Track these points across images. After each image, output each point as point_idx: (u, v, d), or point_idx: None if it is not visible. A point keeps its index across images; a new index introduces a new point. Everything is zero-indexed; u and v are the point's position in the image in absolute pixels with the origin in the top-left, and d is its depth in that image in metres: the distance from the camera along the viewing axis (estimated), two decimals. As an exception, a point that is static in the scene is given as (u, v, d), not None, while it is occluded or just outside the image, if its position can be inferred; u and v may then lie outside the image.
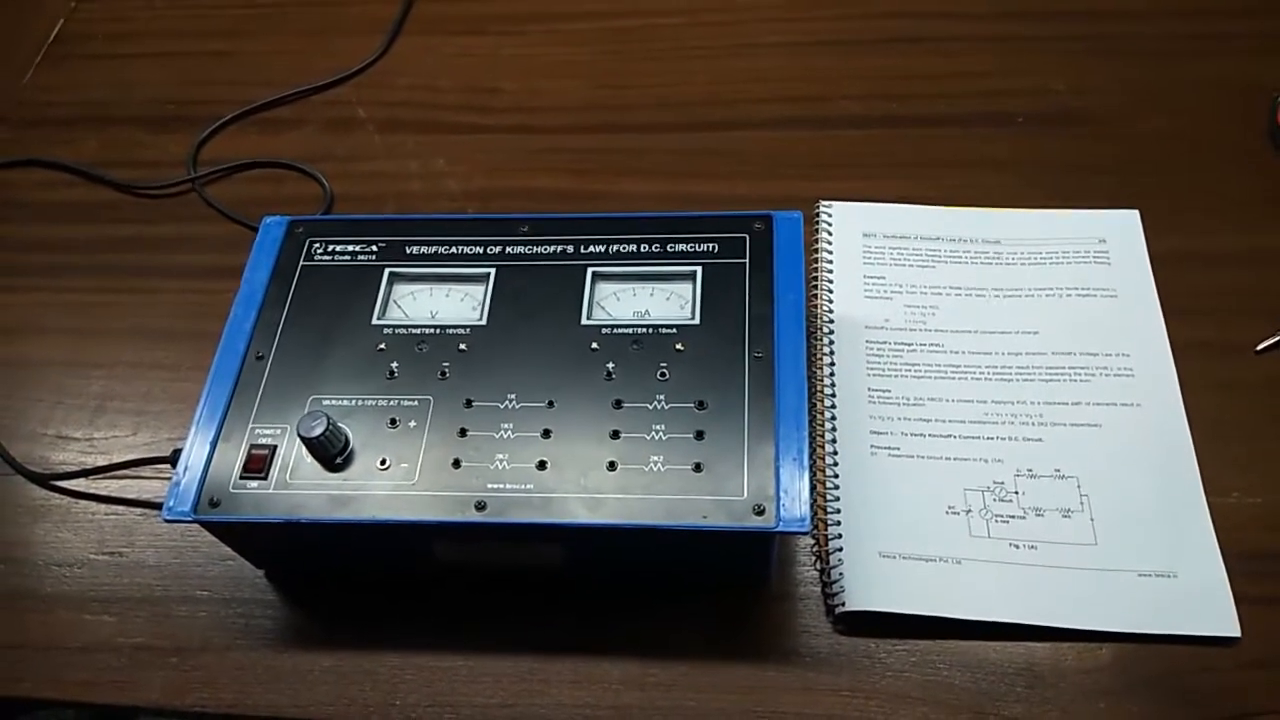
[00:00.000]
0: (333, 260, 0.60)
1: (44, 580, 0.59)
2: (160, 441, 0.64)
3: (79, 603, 0.58)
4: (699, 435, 0.51)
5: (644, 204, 0.73)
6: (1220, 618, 0.52)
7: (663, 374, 0.54)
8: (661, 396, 0.53)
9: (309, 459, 0.52)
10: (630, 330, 0.55)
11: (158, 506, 0.60)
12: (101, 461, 0.63)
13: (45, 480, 0.63)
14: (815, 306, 0.65)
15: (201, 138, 0.80)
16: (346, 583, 0.57)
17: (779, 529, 0.48)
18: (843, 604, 0.53)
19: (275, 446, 0.53)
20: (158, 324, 0.70)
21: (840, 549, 0.55)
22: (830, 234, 0.68)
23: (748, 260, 0.58)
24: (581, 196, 0.74)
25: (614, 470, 0.51)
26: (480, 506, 0.50)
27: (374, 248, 0.60)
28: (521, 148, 0.77)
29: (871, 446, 0.59)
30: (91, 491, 0.62)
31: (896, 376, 0.61)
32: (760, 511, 0.49)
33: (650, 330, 0.55)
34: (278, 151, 0.79)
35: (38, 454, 0.64)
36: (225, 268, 0.65)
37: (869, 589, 0.53)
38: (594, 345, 0.55)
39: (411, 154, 0.78)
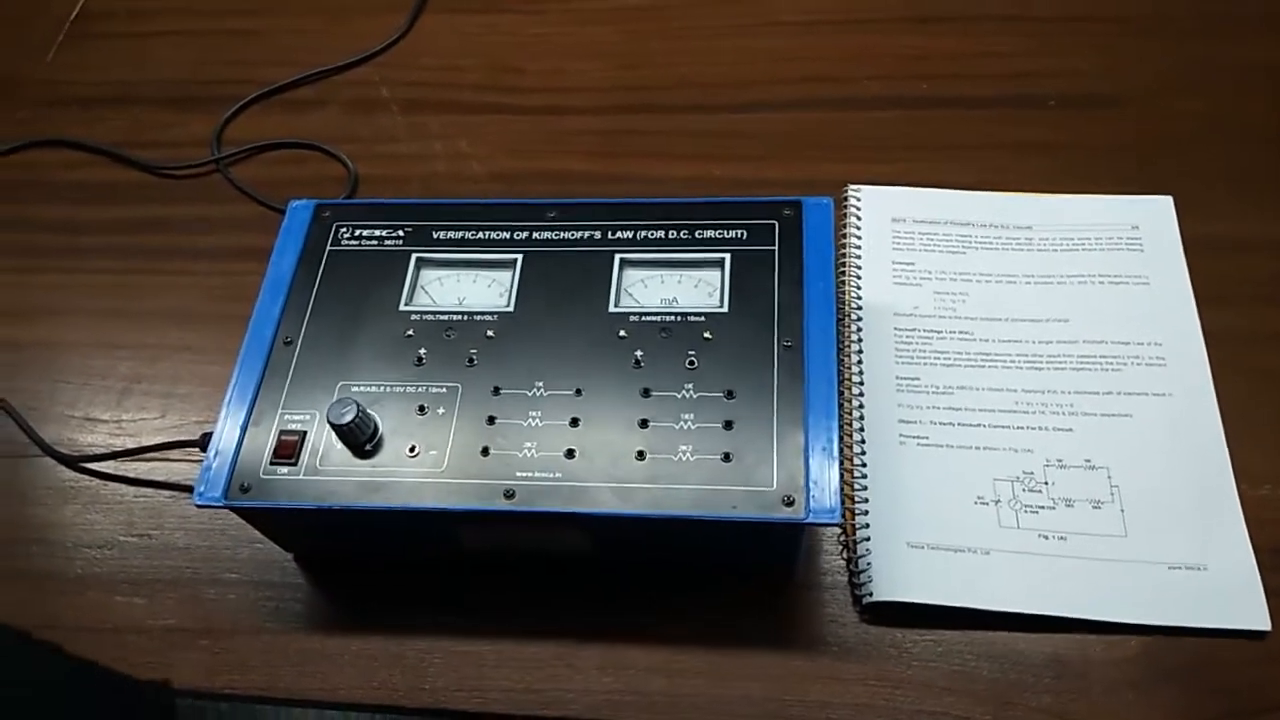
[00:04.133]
0: (360, 245, 0.60)
1: (74, 562, 0.60)
2: (188, 424, 0.64)
3: (109, 584, 0.59)
4: (728, 425, 0.51)
5: (669, 187, 0.72)
6: (1250, 611, 0.52)
7: (691, 362, 0.53)
8: (690, 385, 0.53)
9: (339, 445, 0.53)
10: (658, 318, 0.55)
11: (186, 489, 0.60)
12: (130, 444, 0.63)
13: (74, 462, 0.63)
14: (843, 292, 0.64)
15: (225, 118, 0.80)
16: (375, 567, 0.58)
17: (808, 520, 0.48)
18: (870, 594, 0.53)
19: (305, 432, 0.53)
20: (183, 306, 0.70)
21: (868, 538, 0.55)
22: (859, 219, 0.67)
23: (777, 247, 0.57)
24: (606, 179, 0.73)
25: (642, 459, 0.51)
26: (509, 495, 0.50)
27: (401, 232, 0.60)
28: (545, 129, 0.77)
29: (900, 435, 0.58)
30: (120, 474, 0.63)
31: (925, 364, 0.61)
32: (790, 502, 0.49)
33: (678, 318, 0.55)
34: (301, 132, 0.79)
35: (66, 436, 0.65)
36: (250, 249, 0.65)
37: (896, 579, 0.53)
38: (622, 333, 0.55)
39: (435, 135, 0.77)
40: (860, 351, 0.61)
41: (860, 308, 0.63)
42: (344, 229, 0.61)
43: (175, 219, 0.75)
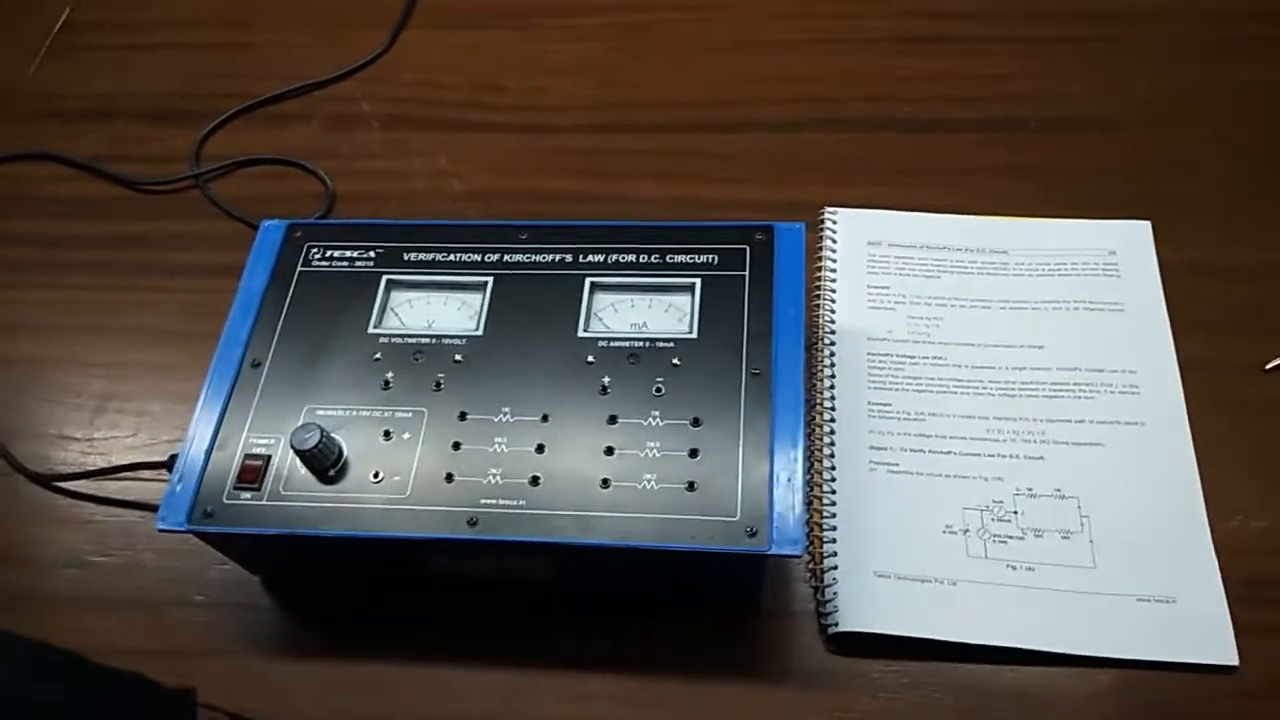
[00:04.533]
0: (330, 266, 0.60)
1: (43, 581, 0.59)
2: (160, 443, 0.64)
3: (78, 604, 0.58)
4: (693, 453, 0.51)
5: (650, 207, 0.72)
6: (1219, 646, 0.51)
7: (658, 389, 0.53)
8: (657, 413, 0.52)
9: (303, 470, 0.52)
10: (627, 343, 0.55)
11: (156, 509, 0.60)
12: (101, 463, 0.63)
13: (46, 481, 0.63)
14: (817, 316, 0.64)
15: (204, 133, 0.80)
16: (342, 590, 0.57)
17: (771, 552, 0.48)
18: (836, 624, 0.53)
19: (269, 457, 0.53)
20: (160, 323, 0.70)
21: (835, 567, 0.54)
22: (834, 242, 0.67)
23: (747, 273, 0.57)
24: (586, 199, 0.73)
25: (607, 488, 0.50)
26: (472, 522, 0.50)
27: (372, 254, 0.60)
28: (526, 147, 0.77)
29: (871, 462, 0.58)
30: (91, 493, 0.63)
31: (898, 390, 0.61)
32: (753, 533, 0.48)
33: (647, 344, 0.55)
34: (281, 147, 0.79)
35: (39, 453, 0.65)
36: (227, 266, 0.64)
37: (863, 609, 0.53)
38: (590, 358, 0.55)
39: (415, 152, 0.77)
40: (833, 376, 0.61)
41: (834, 332, 0.63)
42: (315, 249, 0.61)
43: (154, 235, 0.75)
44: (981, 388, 0.60)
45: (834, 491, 0.57)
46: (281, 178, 0.77)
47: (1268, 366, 0.60)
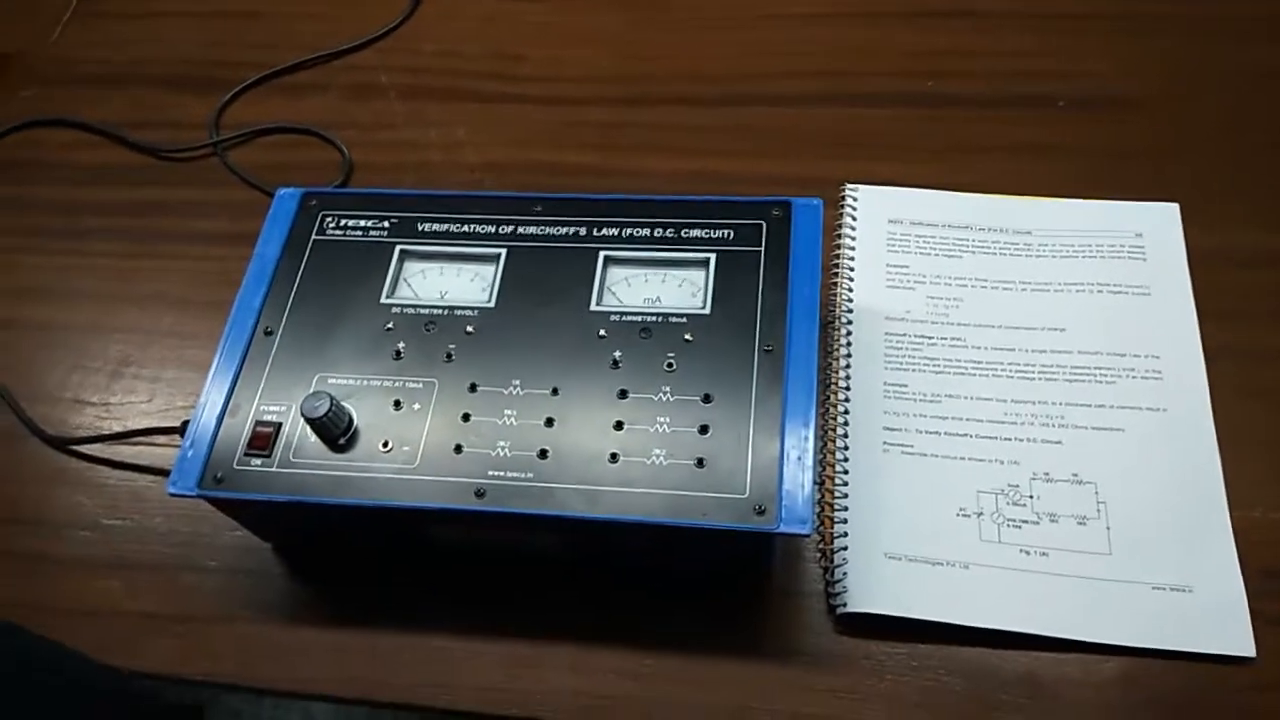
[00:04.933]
0: (345, 235, 0.60)
1: (56, 543, 0.60)
2: (174, 409, 0.65)
3: (89, 567, 0.59)
4: (703, 430, 0.50)
5: (666, 182, 0.71)
6: (1235, 636, 0.50)
7: (670, 365, 0.53)
8: (667, 388, 0.52)
9: (313, 438, 0.52)
10: (639, 318, 0.54)
11: (169, 474, 0.60)
12: (116, 427, 0.64)
13: (61, 444, 0.63)
14: (835, 294, 0.63)
15: (224, 101, 0.80)
16: (352, 559, 0.57)
17: (779, 530, 0.47)
18: (844, 605, 0.52)
19: (280, 424, 0.53)
20: (177, 290, 0.70)
21: (845, 547, 0.54)
22: (854, 219, 0.66)
23: (763, 248, 0.56)
24: (603, 172, 0.72)
25: (615, 462, 0.50)
26: (480, 494, 0.50)
27: (386, 224, 0.60)
28: (543, 119, 0.76)
29: (884, 443, 0.57)
30: (105, 456, 0.63)
31: (914, 371, 0.60)
32: (761, 511, 0.48)
33: (660, 319, 0.54)
34: (300, 116, 0.78)
35: (55, 416, 0.65)
36: (244, 234, 0.64)
37: (872, 591, 0.52)
38: (602, 332, 0.54)
39: (432, 122, 0.77)
40: (849, 355, 0.60)
41: (851, 311, 0.62)
42: (330, 218, 0.60)
43: (172, 202, 0.75)
44: (1000, 370, 0.59)
45: (846, 471, 0.56)
46: (300, 146, 0.77)
47: (1295, 354, 0.59)
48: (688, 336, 0.53)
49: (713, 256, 0.56)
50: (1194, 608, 0.51)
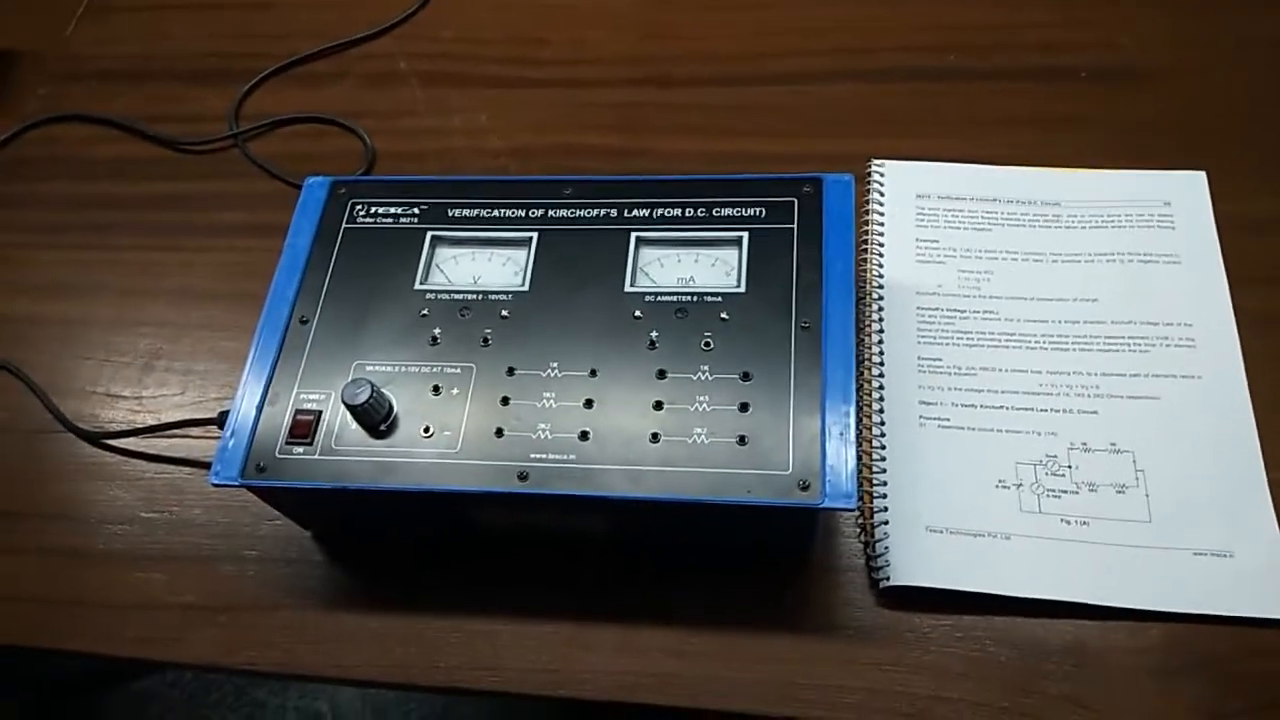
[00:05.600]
0: (375, 222, 0.60)
1: (96, 537, 0.60)
2: (207, 401, 0.65)
3: (131, 560, 0.59)
4: (743, 407, 0.51)
5: (690, 163, 0.71)
6: (1277, 600, 0.50)
7: (707, 344, 0.53)
8: (705, 367, 0.52)
9: (353, 425, 0.53)
10: (674, 298, 0.54)
11: (206, 465, 0.60)
12: (150, 420, 0.64)
13: (96, 438, 0.64)
14: (865, 270, 0.63)
15: (243, 92, 0.79)
16: (392, 545, 0.58)
17: (824, 505, 0.48)
18: (887, 578, 0.52)
19: (320, 412, 0.53)
20: (202, 283, 0.70)
21: (886, 521, 0.54)
22: (882, 195, 0.66)
23: (796, 225, 0.56)
24: (626, 154, 0.72)
25: (657, 442, 0.50)
26: (523, 476, 0.50)
27: (416, 210, 0.60)
28: (566, 102, 0.76)
29: (920, 417, 0.57)
30: (141, 450, 0.63)
31: (948, 344, 0.60)
32: (805, 487, 0.48)
33: (694, 298, 0.54)
34: (319, 106, 0.78)
35: (88, 412, 0.65)
36: (268, 225, 0.64)
37: (914, 564, 0.52)
38: (637, 313, 0.54)
39: (454, 109, 0.76)
40: (881, 331, 0.60)
41: (882, 286, 0.62)
42: (360, 206, 0.60)
43: (194, 195, 0.75)
44: (1034, 342, 0.59)
45: (884, 446, 0.56)
46: (320, 136, 0.77)
47: (1328, 318, 0.59)
48: (724, 315, 0.53)
49: (745, 235, 0.56)
50: (1235, 572, 0.51)
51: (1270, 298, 0.60)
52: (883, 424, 0.57)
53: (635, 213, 0.58)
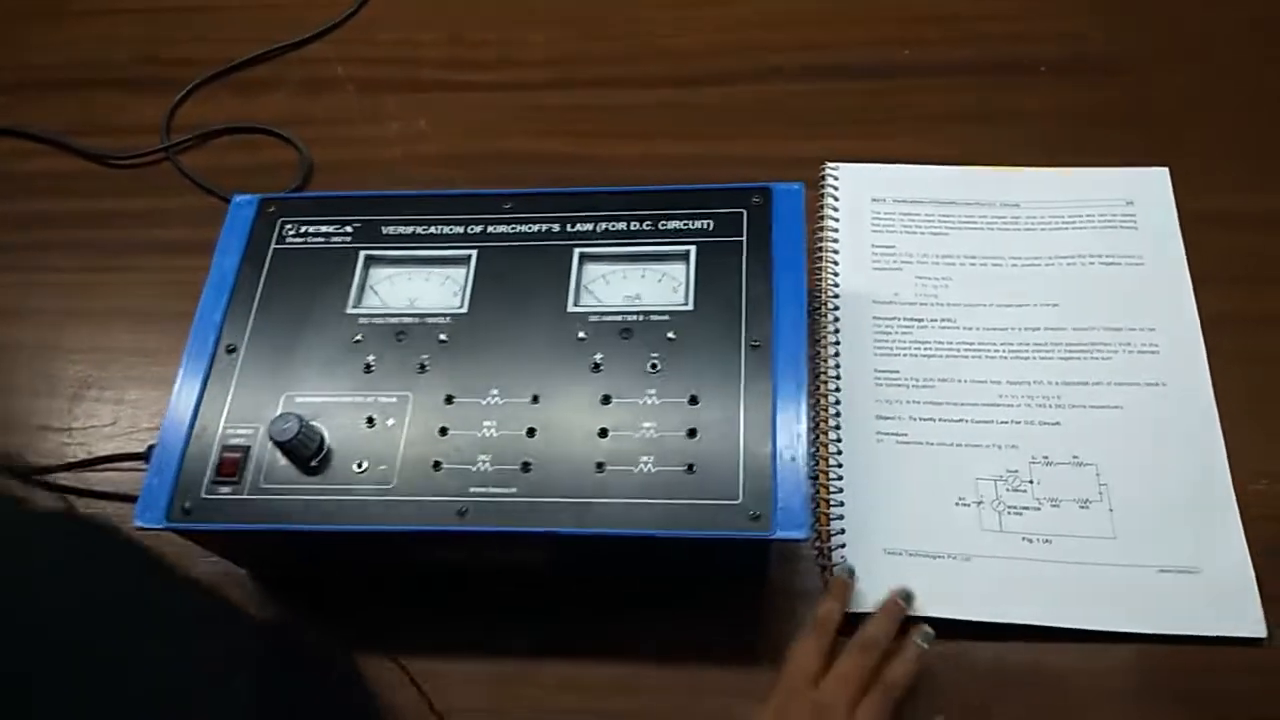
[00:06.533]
0: (305, 242, 0.57)
1: (25, 579, 0.57)
2: (139, 431, 0.62)
3: (61, 602, 0.56)
4: (691, 433, 0.48)
5: (639, 167, 0.69)
6: (1245, 617, 0.49)
7: (654, 366, 0.51)
8: (652, 391, 0.50)
9: (284, 461, 0.50)
10: (619, 318, 0.52)
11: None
12: (81, 454, 0.61)
13: (26, 475, 0.61)
14: (820, 280, 0.61)
15: (174, 103, 0.76)
16: (332, 583, 0.55)
17: (776, 537, 0.46)
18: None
19: (248, 448, 0.51)
20: (135, 305, 0.68)
21: (844, 544, 0.52)
22: (836, 200, 0.64)
23: (744, 238, 0.54)
24: (573, 160, 0.70)
25: (602, 471, 0.48)
26: (462, 513, 0.48)
27: (349, 228, 0.57)
28: (508, 106, 0.73)
29: (878, 433, 0.55)
30: (74, 485, 0.60)
31: (905, 355, 0.58)
32: (756, 517, 0.46)
33: (641, 317, 0.52)
34: (255, 114, 0.75)
35: (19, 444, 0.62)
36: (204, 242, 0.61)
37: (873, 590, 0.51)
38: (581, 334, 0.52)
39: (392, 115, 0.74)
40: (838, 344, 0.58)
41: (838, 296, 0.60)
42: (289, 225, 0.58)
43: (126, 212, 0.72)
44: (993, 350, 0.57)
45: (840, 465, 0.54)
46: (256, 147, 0.74)
47: (1295, 320, 0.57)
48: (671, 335, 0.51)
49: (692, 249, 0.54)
50: (1202, 589, 0.50)
51: (1236, 298, 0.58)
52: (839, 440, 0.55)
53: (578, 227, 0.56)
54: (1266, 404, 0.55)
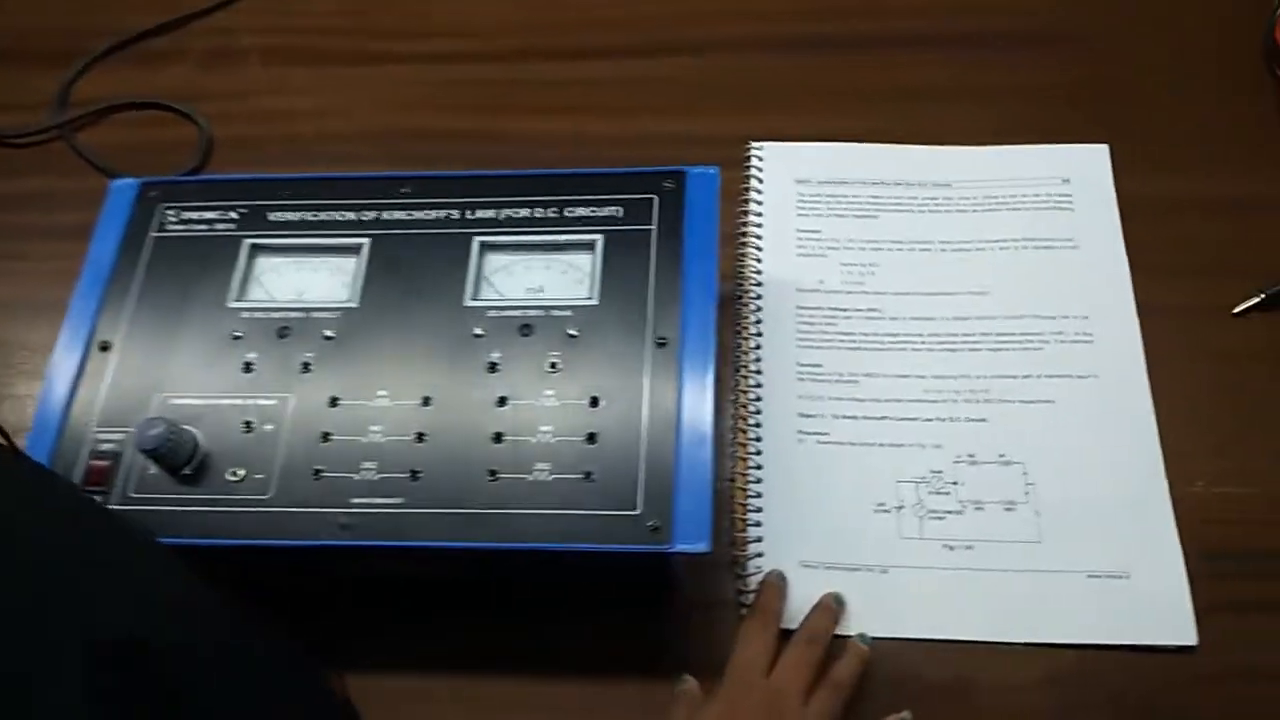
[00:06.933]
0: (188, 230, 0.53)
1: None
2: (17, 437, 0.58)
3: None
4: (591, 438, 0.45)
5: (561, 146, 0.65)
6: (1176, 625, 0.47)
7: (554, 365, 0.47)
8: (551, 393, 0.47)
9: (155, 469, 0.47)
10: (519, 313, 0.49)
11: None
12: (-43, 457, 0.57)
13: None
14: (742, 266, 0.57)
15: (71, 76, 0.71)
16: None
17: (675, 550, 0.43)
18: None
19: (119, 454, 0.47)
20: (23, 294, 0.64)
21: (760, 554, 0.49)
22: (761, 181, 0.60)
23: (655, 226, 0.50)
24: (490, 138, 0.66)
25: (495, 480, 0.45)
26: (344, 526, 0.45)
27: (234, 214, 0.53)
28: (423, 80, 0.69)
29: (799, 432, 0.52)
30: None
31: (829, 348, 0.55)
32: (655, 529, 0.43)
33: (542, 312, 0.49)
34: (157, 88, 0.71)
35: (-108, 445, 0.58)
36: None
37: (788, 605, 0.48)
38: (478, 331, 0.49)
39: (300, 89, 0.69)
40: (759, 335, 0.55)
41: (760, 284, 0.57)
42: (171, 211, 0.54)
43: (18, 194, 0.68)
44: (920, 343, 0.54)
45: (759, 467, 0.51)
46: (155, 124, 0.69)
47: (1237, 310, 0.54)
48: (573, 331, 0.48)
49: (600, 238, 0.50)
50: (1132, 596, 0.47)
51: (1174, 286, 0.55)
52: (759, 440, 0.52)
53: (480, 214, 0.52)
54: (1206, 399, 0.52)
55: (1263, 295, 0.54)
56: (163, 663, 0.31)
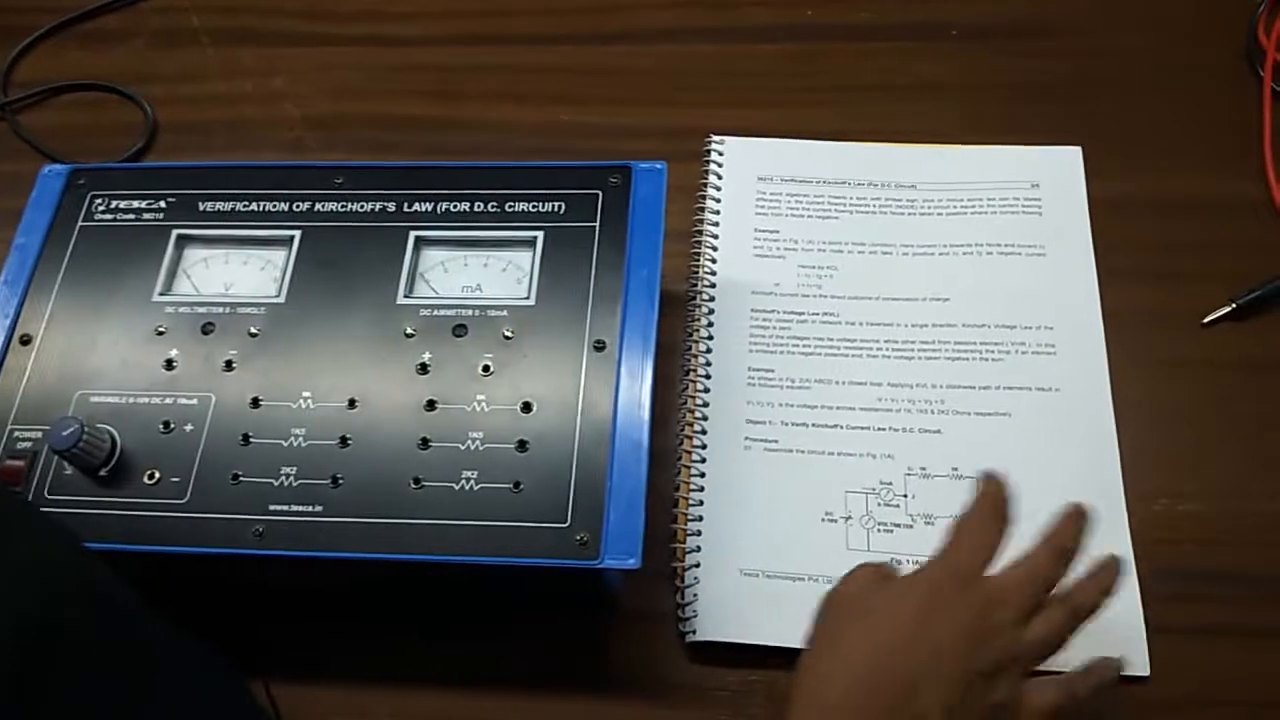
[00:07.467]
0: (115, 219, 0.51)
1: None
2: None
3: None
4: (521, 446, 0.43)
5: (517, 135, 0.63)
6: (1130, 653, 0.44)
7: (487, 368, 0.45)
8: (482, 397, 0.45)
9: (71, 469, 0.45)
10: (454, 312, 0.47)
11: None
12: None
13: None
14: (696, 266, 0.55)
15: (14, 54, 0.69)
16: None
17: (603, 566, 0.41)
18: (694, 632, 0.46)
19: (36, 453, 0.45)
20: (-42, 280, 0.61)
21: (698, 564, 0.47)
22: (720, 177, 0.58)
23: (598, 223, 0.48)
24: (441, 125, 0.64)
25: (419, 488, 0.43)
26: (258, 534, 0.43)
27: (163, 203, 0.51)
28: (376, 64, 0.67)
29: (746, 439, 0.51)
30: None
31: (782, 353, 0.53)
32: (584, 543, 0.41)
33: (477, 312, 0.47)
34: (104, 70, 0.68)
35: None
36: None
37: (725, 615, 0.46)
38: (409, 330, 0.47)
39: (248, 71, 0.67)
40: (710, 339, 0.53)
41: (714, 285, 0.54)
42: (99, 200, 0.52)
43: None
44: (876, 349, 0.52)
45: (703, 475, 0.49)
46: (100, 106, 0.67)
47: (1207, 320, 0.52)
48: (508, 332, 0.46)
49: (540, 235, 0.48)
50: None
51: (1142, 293, 0.53)
52: (704, 447, 0.50)
53: (416, 206, 0.50)
54: (1170, 414, 0.50)
55: (1233, 305, 0.52)
56: (69, 649, 0.30)
